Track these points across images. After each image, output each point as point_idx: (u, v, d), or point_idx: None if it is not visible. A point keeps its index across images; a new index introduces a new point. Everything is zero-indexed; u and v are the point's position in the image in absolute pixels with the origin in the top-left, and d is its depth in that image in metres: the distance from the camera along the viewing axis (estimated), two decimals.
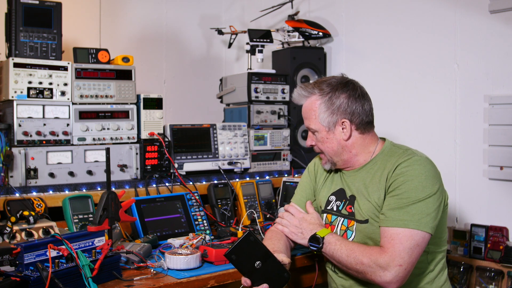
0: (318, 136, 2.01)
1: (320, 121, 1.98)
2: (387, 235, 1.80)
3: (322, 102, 1.97)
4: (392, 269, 1.73)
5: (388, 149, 1.99)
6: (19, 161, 2.35)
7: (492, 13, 2.55)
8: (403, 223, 1.78)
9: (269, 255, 1.74)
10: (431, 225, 1.79)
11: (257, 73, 3.16)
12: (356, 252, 1.82)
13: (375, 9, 3.12)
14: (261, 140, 3.11)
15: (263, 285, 1.71)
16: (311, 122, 2.01)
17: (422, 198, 1.80)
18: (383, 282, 1.75)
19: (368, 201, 1.93)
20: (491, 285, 2.43)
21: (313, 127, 2.01)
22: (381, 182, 1.90)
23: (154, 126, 2.73)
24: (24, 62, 2.41)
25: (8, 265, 1.76)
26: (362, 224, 1.93)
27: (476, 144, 2.62)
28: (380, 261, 1.75)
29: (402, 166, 1.86)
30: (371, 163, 1.99)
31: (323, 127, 1.98)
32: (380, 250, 1.78)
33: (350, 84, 2.00)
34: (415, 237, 1.77)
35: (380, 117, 3.02)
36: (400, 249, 1.75)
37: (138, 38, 3.62)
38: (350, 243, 1.88)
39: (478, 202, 2.62)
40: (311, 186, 2.20)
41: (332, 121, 1.97)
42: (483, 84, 2.60)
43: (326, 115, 1.96)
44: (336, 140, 1.98)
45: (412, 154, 1.90)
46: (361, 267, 1.80)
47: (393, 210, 1.81)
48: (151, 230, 2.38)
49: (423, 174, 1.83)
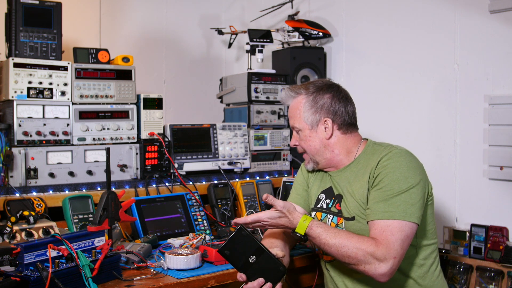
0: (302, 135, 2.06)
1: (304, 120, 2.03)
2: (377, 227, 1.79)
3: (307, 101, 2.02)
4: (388, 261, 1.73)
5: (370, 147, 2.03)
6: (19, 161, 2.35)
7: (492, 13, 2.55)
8: (389, 215, 1.79)
9: (263, 249, 1.74)
10: (416, 215, 1.80)
11: (257, 73, 3.16)
12: (347, 246, 1.77)
13: (375, 9, 3.12)
14: (261, 140, 3.11)
15: (259, 279, 1.72)
16: (296, 121, 2.06)
17: (405, 189, 1.81)
18: (377, 274, 1.74)
19: (353, 199, 1.95)
20: (491, 285, 2.43)
21: (297, 126, 2.05)
22: (365, 179, 1.93)
23: (154, 126, 2.73)
24: (24, 62, 2.42)
25: (8, 265, 1.76)
26: (350, 221, 1.95)
27: (476, 144, 2.62)
28: (377, 253, 1.73)
29: (384, 160, 1.89)
30: (355, 162, 2.02)
31: (307, 125, 2.03)
32: (374, 242, 1.76)
33: (335, 86, 2.07)
34: (404, 228, 1.77)
35: (380, 117, 3.04)
36: (393, 241, 1.75)
37: (138, 38, 3.62)
38: (335, 235, 1.80)
39: (478, 202, 2.62)
40: (305, 183, 2.22)
41: (315, 120, 2.02)
42: (483, 84, 2.60)
43: (310, 113, 2.02)
44: (319, 139, 2.02)
45: (392, 148, 1.94)
46: (353, 260, 1.77)
47: (378, 203, 1.83)
48: (151, 230, 2.38)
49: (405, 165, 1.86)
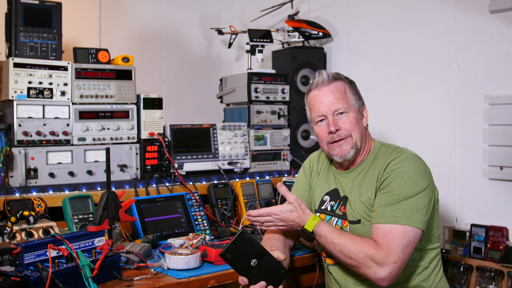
0: (351, 117, 1.97)
1: (353, 102, 2.00)
2: (380, 231, 1.79)
3: (350, 87, 2.02)
4: (387, 266, 1.73)
5: (378, 149, 2.02)
6: (19, 161, 2.35)
7: (492, 13, 2.55)
8: (393, 220, 1.78)
9: (264, 252, 1.74)
10: (421, 220, 1.80)
11: (257, 73, 3.16)
12: (350, 246, 1.80)
13: (375, 9, 3.12)
14: (261, 140, 3.10)
15: (261, 282, 1.72)
16: (344, 102, 1.97)
17: (412, 194, 1.81)
18: (376, 278, 1.75)
19: (360, 201, 1.94)
20: (491, 285, 2.43)
21: (346, 107, 1.97)
22: (372, 182, 1.92)
23: (154, 126, 2.73)
24: (24, 62, 2.42)
25: (8, 265, 1.76)
26: (355, 225, 1.93)
27: (476, 144, 2.62)
28: (376, 257, 1.74)
29: (392, 164, 1.88)
30: (363, 163, 2.01)
31: (355, 108, 2.00)
32: (375, 245, 1.77)
33: None
34: (407, 234, 1.77)
35: (380, 117, 3.04)
36: (394, 246, 1.75)
37: (138, 38, 3.62)
38: (340, 236, 1.84)
39: (478, 202, 2.62)
40: (307, 184, 2.21)
41: (359, 105, 2.03)
42: (483, 84, 2.60)
43: (355, 98, 2.02)
44: (362, 125, 2.03)
45: (401, 152, 1.93)
46: (354, 262, 1.79)
47: (383, 206, 1.82)
48: (151, 230, 2.38)
49: (413, 170, 1.85)
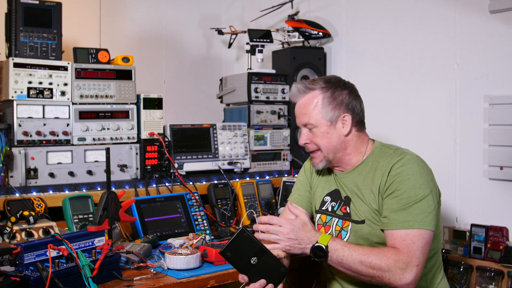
0: (317, 132, 1.98)
1: (322, 115, 1.96)
2: (397, 237, 1.78)
3: (325, 97, 1.97)
4: (411, 269, 1.71)
5: (378, 149, 2.01)
6: (19, 161, 2.35)
7: (492, 13, 2.55)
8: (408, 224, 1.77)
9: (264, 250, 1.74)
10: (433, 222, 1.80)
11: (257, 73, 3.16)
12: (370, 256, 1.76)
13: (375, 9, 3.12)
14: (261, 140, 3.10)
15: (261, 280, 1.71)
16: (310, 117, 1.98)
17: (421, 197, 1.80)
18: (402, 284, 1.71)
19: (363, 202, 1.92)
20: (491, 285, 2.43)
21: (313, 122, 1.97)
22: (374, 184, 1.91)
23: (154, 126, 2.73)
24: (24, 62, 2.41)
25: (8, 265, 1.76)
26: (358, 225, 1.92)
27: (476, 144, 2.62)
28: (400, 262, 1.72)
29: (396, 166, 1.87)
30: (363, 164, 1.99)
31: (325, 121, 1.96)
32: (396, 250, 1.75)
33: (349, 83, 2.05)
34: (424, 236, 1.76)
35: (380, 117, 3.04)
36: (414, 249, 1.74)
37: (138, 38, 3.62)
38: (357, 247, 1.80)
39: (478, 202, 2.62)
40: (307, 184, 2.19)
41: (334, 116, 1.96)
42: (483, 84, 2.60)
43: (329, 109, 1.96)
44: (337, 135, 1.97)
45: (403, 154, 1.92)
46: (377, 272, 1.74)
47: (396, 212, 1.80)
48: (151, 230, 2.38)
49: (418, 172, 1.84)
